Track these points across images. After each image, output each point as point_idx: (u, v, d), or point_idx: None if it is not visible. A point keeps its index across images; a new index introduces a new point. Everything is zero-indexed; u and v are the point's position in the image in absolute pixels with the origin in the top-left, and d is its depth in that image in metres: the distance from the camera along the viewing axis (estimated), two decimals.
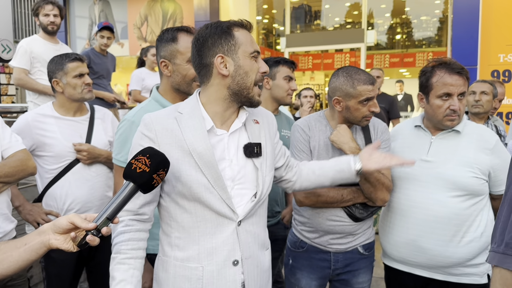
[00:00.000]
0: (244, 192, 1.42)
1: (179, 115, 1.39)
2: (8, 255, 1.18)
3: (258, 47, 1.42)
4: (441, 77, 1.84)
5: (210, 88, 1.41)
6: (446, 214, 1.83)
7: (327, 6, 10.71)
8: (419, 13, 10.40)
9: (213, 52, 1.37)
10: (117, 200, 1.15)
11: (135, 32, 9.07)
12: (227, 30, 1.37)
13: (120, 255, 1.33)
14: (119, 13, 9.22)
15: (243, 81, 1.37)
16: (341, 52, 10.52)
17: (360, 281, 2.06)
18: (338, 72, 1.94)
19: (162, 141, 1.35)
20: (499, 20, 6.82)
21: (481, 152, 1.86)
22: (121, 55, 9.01)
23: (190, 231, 1.37)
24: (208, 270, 1.36)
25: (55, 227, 1.15)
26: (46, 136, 2.27)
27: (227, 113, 1.42)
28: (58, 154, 2.29)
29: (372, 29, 9.20)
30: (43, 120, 2.30)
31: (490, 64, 6.89)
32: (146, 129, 1.38)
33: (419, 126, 2.01)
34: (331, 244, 2.00)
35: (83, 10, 9.47)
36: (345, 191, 1.91)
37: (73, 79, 2.32)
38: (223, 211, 1.36)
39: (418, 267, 1.93)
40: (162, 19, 8.86)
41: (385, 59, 10.76)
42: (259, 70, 1.41)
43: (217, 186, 1.34)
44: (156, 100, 1.89)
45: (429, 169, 1.90)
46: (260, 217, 1.48)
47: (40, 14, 3.68)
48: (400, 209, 1.96)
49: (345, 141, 1.86)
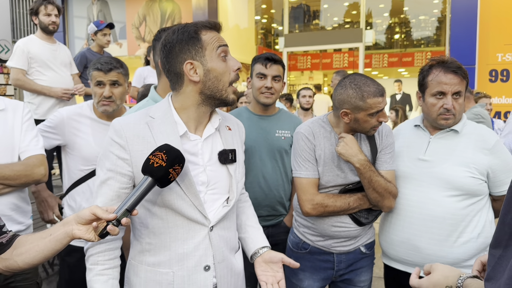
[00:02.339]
0: (217, 197, 1.40)
1: (151, 120, 1.35)
2: (34, 245, 1.25)
3: (224, 42, 1.36)
4: (436, 76, 1.84)
5: (183, 94, 1.37)
6: (441, 213, 1.83)
7: (326, 6, 10.72)
8: (418, 13, 10.42)
9: (182, 59, 1.32)
10: (136, 193, 1.19)
11: (133, 32, 9.07)
12: (194, 35, 1.32)
13: (98, 266, 1.33)
14: (117, 13, 9.21)
15: (214, 85, 1.33)
16: (340, 52, 10.54)
17: (363, 280, 2.06)
18: (346, 83, 1.82)
19: (133, 148, 1.31)
20: (497, 20, 6.84)
21: (480, 152, 1.85)
22: (119, 55, 9.01)
23: (161, 237, 1.36)
24: (179, 275, 1.36)
25: (78, 218, 1.20)
26: (78, 136, 2.22)
27: (200, 118, 1.40)
28: (86, 157, 2.21)
29: (370, 28, 9.21)
30: (78, 119, 2.25)
31: (488, 63, 6.91)
32: (116, 135, 1.33)
33: (419, 125, 2.00)
34: (334, 247, 2.00)
35: (81, 10, 9.46)
36: (351, 199, 1.89)
37: (94, 88, 2.23)
38: (195, 217, 1.34)
39: (414, 266, 1.91)
40: (161, 19, 8.86)
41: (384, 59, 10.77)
42: (232, 68, 1.36)
43: (189, 193, 1.32)
44: (154, 99, 1.89)
45: (426, 168, 1.89)
46: (231, 221, 1.47)
47: (41, 14, 3.68)
48: (397, 208, 1.96)
49: (353, 154, 1.81)
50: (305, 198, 1.89)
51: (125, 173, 1.32)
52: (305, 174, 1.90)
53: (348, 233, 1.95)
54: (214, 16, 8.52)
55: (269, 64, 2.31)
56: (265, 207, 2.35)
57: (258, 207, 2.30)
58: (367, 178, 1.82)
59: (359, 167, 1.80)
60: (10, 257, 1.27)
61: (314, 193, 1.89)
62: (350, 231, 1.95)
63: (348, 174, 1.90)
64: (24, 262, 1.26)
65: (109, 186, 1.33)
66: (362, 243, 2.02)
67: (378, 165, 1.91)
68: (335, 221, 1.93)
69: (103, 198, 1.33)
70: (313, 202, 1.87)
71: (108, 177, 1.33)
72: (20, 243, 1.29)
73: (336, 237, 1.96)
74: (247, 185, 2.26)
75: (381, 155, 1.92)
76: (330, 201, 1.87)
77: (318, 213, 1.89)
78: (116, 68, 2.23)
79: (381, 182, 1.83)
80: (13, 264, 1.27)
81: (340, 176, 1.90)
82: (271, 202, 2.37)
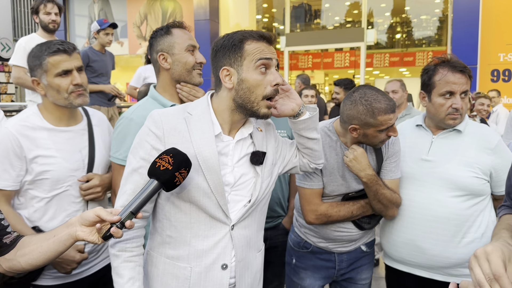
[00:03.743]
0: (239, 198, 1.42)
1: (189, 116, 1.38)
2: (38, 246, 1.25)
3: (268, 56, 1.34)
4: (444, 75, 1.81)
5: (220, 96, 1.40)
6: (446, 214, 1.82)
7: (327, 5, 10.70)
8: (419, 12, 10.39)
9: (221, 64, 1.36)
10: (141, 196, 1.20)
11: (134, 31, 9.07)
12: (237, 43, 1.33)
13: (125, 253, 1.34)
14: (119, 12, 9.21)
15: (246, 96, 1.34)
16: (341, 51, 10.52)
17: (364, 278, 2.08)
18: (356, 98, 1.74)
19: (169, 141, 1.34)
20: (499, 19, 6.82)
21: (483, 152, 1.84)
22: (120, 53, 9.01)
23: (182, 231, 1.38)
24: (196, 271, 1.37)
25: (82, 220, 1.20)
26: (40, 157, 1.71)
27: (234, 122, 1.42)
28: (56, 179, 1.74)
29: (372, 28, 9.20)
30: (31, 134, 1.72)
31: (490, 63, 6.89)
32: (154, 126, 1.35)
33: (420, 125, 1.98)
34: (336, 248, 2.01)
35: (82, 9, 9.46)
36: (354, 207, 1.88)
37: (56, 79, 1.72)
38: (217, 215, 1.36)
39: (418, 267, 1.92)
40: (162, 17, 8.86)
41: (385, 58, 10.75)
42: (271, 83, 1.34)
43: (216, 192, 1.34)
44: (154, 98, 1.89)
45: (429, 169, 1.88)
46: (254, 220, 1.48)
47: (41, 12, 3.69)
48: (400, 209, 1.94)
49: (362, 169, 1.79)
50: (309, 208, 1.89)
51: None
52: (309, 184, 1.88)
53: (350, 236, 1.96)
54: (215, 15, 8.52)
55: None
56: None
57: None
58: (373, 191, 1.81)
59: (366, 182, 1.80)
60: (14, 258, 1.27)
61: (318, 203, 1.88)
62: (352, 235, 1.96)
63: (351, 183, 1.90)
64: (27, 263, 1.26)
65: (140, 175, 1.34)
66: (362, 242, 2.03)
67: (383, 173, 1.90)
68: (338, 226, 1.93)
69: (133, 186, 1.35)
70: (317, 213, 1.87)
71: (141, 166, 1.34)
72: (24, 244, 1.29)
73: (338, 241, 1.97)
74: None
75: (387, 164, 1.90)
76: (334, 211, 1.87)
77: (321, 222, 1.89)
78: (76, 49, 1.80)
79: (386, 195, 1.82)
80: (16, 265, 1.27)
81: (344, 185, 1.90)
82: (270, 204, 2.35)
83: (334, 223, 1.91)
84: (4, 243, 1.28)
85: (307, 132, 1.54)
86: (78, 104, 1.78)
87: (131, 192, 1.34)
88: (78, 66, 1.77)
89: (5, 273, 1.31)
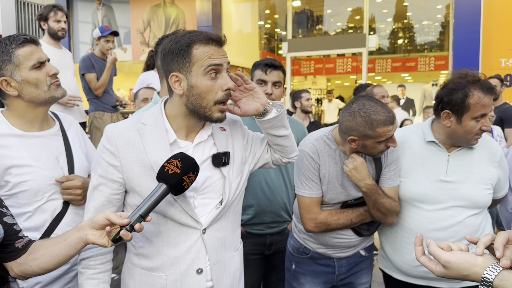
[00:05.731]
0: (208, 202, 1.41)
1: (142, 127, 1.36)
2: (49, 250, 1.27)
3: (218, 61, 1.29)
4: (480, 99, 1.71)
5: (172, 102, 1.38)
6: (468, 233, 1.81)
7: (329, 11, 10.75)
8: (421, 18, 10.42)
9: (170, 69, 1.32)
10: (151, 200, 1.21)
11: (138, 37, 9.12)
12: (185, 48, 1.28)
13: (89, 270, 1.36)
14: (122, 18, 9.28)
15: (197, 102, 1.31)
16: (343, 57, 10.56)
17: (363, 282, 2.09)
18: (355, 110, 1.73)
19: (123, 155, 1.33)
20: (501, 25, 6.84)
21: (491, 166, 1.86)
22: (124, 60, 9.07)
23: (153, 241, 1.38)
24: (172, 279, 1.38)
25: (92, 223, 1.22)
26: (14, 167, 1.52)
27: (190, 127, 1.40)
28: (37, 189, 1.55)
29: (374, 33, 9.22)
30: (0, 143, 1.53)
31: (491, 68, 6.89)
32: (107, 142, 1.35)
33: (433, 141, 1.90)
34: (335, 253, 2.02)
35: (86, 15, 9.53)
36: (353, 215, 1.89)
37: (32, 72, 1.56)
38: (186, 221, 1.36)
39: (434, 280, 1.88)
40: (165, 24, 8.91)
41: (387, 64, 10.77)
42: (222, 88, 1.31)
43: (178, 199, 1.33)
44: (157, 103, 1.91)
45: (450, 190, 1.84)
46: (228, 221, 1.47)
47: (50, 20, 3.75)
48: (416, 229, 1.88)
49: (361, 178, 1.79)
50: (308, 217, 1.89)
51: (116, 179, 1.35)
52: (308, 193, 1.89)
53: (349, 243, 1.97)
54: (218, 21, 8.56)
55: (269, 70, 2.29)
56: (269, 214, 2.35)
57: (262, 214, 2.32)
58: (372, 200, 1.82)
59: (366, 191, 1.81)
60: (25, 262, 1.29)
61: (317, 212, 1.89)
62: (351, 241, 1.97)
63: (350, 191, 1.91)
64: (38, 267, 1.28)
65: (100, 192, 1.36)
66: (361, 247, 2.05)
67: (382, 181, 1.90)
68: (337, 233, 1.94)
69: (95, 203, 1.36)
70: (316, 221, 1.88)
71: (100, 183, 1.36)
72: (36, 248, 1.31)
73: (337, 247, 1.98)
74: (250, 191, 2.26)
75: (386, 172, 1.90)
76: (333, 220, 1.87)
77: (320, 230, 1.90)
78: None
79: (385, 204, 1.83)
80: (28, 269, 1.29)
81: (343, 193, 1.91)
82: (275, 209, 2.37)
83: (333, 230, 1.92)
84: (16, 247, 1.30)
85: (275, 130, 1.48)
86: (60, 95, 1.63)
87: (93, 210, 1.35)
88: (48, 58, 1.63)
89: (17, 277, 1.33)
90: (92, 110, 4.37)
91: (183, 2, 8.74)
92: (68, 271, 1.63)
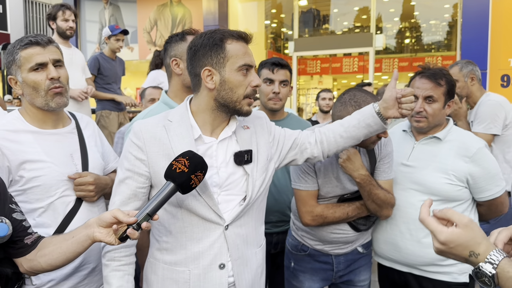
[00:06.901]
0: (231, 198, 1.44)
1: (168, 123, 1.41)
2: (57, 247, 1.29)
3: (250, 61, 1.39)
4: (414, 81, 2.01)
5: (200, 97, 1.42)
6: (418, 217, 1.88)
7: (336, 10, 10.71)
8: (428, 17, 10.36)
9: (202, 63, 1.37)
10: (158, 198, 1.22)
11: (144, 37, 9.16)
12: (219, 43, 1.35)
13: (114, 262, 1.38)
14: (129, 17, 9.31)
15: (228, 96, 1.37)
16: (350, 56, 10.51)
17: (362, 279, 2.10)
18: (346, 100, 1.81)
19: (150, 150, 1.38)
20: (509, 24, 6.78)
21: (460, 160, 1.90)
22: (130, 59, 9.10)
23: (177, 236, 1.41)
24: (195, 273, 1.40)
25: (100, 221, 1.23)
26: (28, 162, 1.54)
27: (216, 122, 1.44)
28: (50, 185, 1.56)
29: (380, 33, 9.19)
30: (15, 138, 1.55)
31: (500, 68, 6.84)
32: (135, 137, 1.40)
33: (406, 130, 2.10)
34: (333, 250, 2.03)
35: (93, 15, 9.58)
36: (350, 208, 1.91)
37: (30, 74, 1.55)
38: (209, 217, 1.38)
39: (397, 263, 2.03)
40: (172, 23, 8.94)
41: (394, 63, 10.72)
42: (251, 84, 1.39)
43: (203, 194, 1.37)
44: (165, 103, 1.92)
45: (408, 174, 1.99)
46: (251, 217, 1.49)
47: (59, 19, 3.78)
48: None
49: (355, 169, 1.82)
50: (305, 210, 1.91)
51: (142, 173, 1.38)
52: (304, 186, 1.91)
53: (346, 238, 1.99)
54: (224, 21, 8.57)
55: (276, 69, 2.31)
56: (275, 213, 2.36)
57: (268, 213, 2.30)
58: (367, 191, 1.84)
59: (360, 182, 1.82)
60: (34, 258, 1.31)
61: (313, 205, 1.91)
62: (348, 237, 1.98)
63: (346, 184, 1.92)
64: (47, 263, 1.30)
65: (127, 185, 1.39)
66: (359, 244, 2.06)
67: (377, 174, 1.93)
68: (334, 228, 1.95)
69: (121, 197, 1.40)
70: (312, 214, 1.90)
71: (126, 177, 1.39)
72: (45, 245, 1.32)
73: (335, 243, 2.00)
74: None
75: (380, 165, 1.93)
76: (330, 212, 1.89)
77: (317, 223, 1.92)
78: (52, 42, 1.63)
79: (380, 195, 1.85)
80: (36, 265, 1.31)
81: (339, 186, 1.92)
82: (281, 208, 2.37)
83: (330, 225, 1.94)
84: (25, 243, 1.32)
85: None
86: (56, 105, 1.59)
87: (119, 203, 1.38)
88: (54, 59, 1.59)
89: (26, 273, 1.35)
90: (99, 109, 4.40)
91: (189, 2, 8.76)
92: (80, 268, 1.64)
